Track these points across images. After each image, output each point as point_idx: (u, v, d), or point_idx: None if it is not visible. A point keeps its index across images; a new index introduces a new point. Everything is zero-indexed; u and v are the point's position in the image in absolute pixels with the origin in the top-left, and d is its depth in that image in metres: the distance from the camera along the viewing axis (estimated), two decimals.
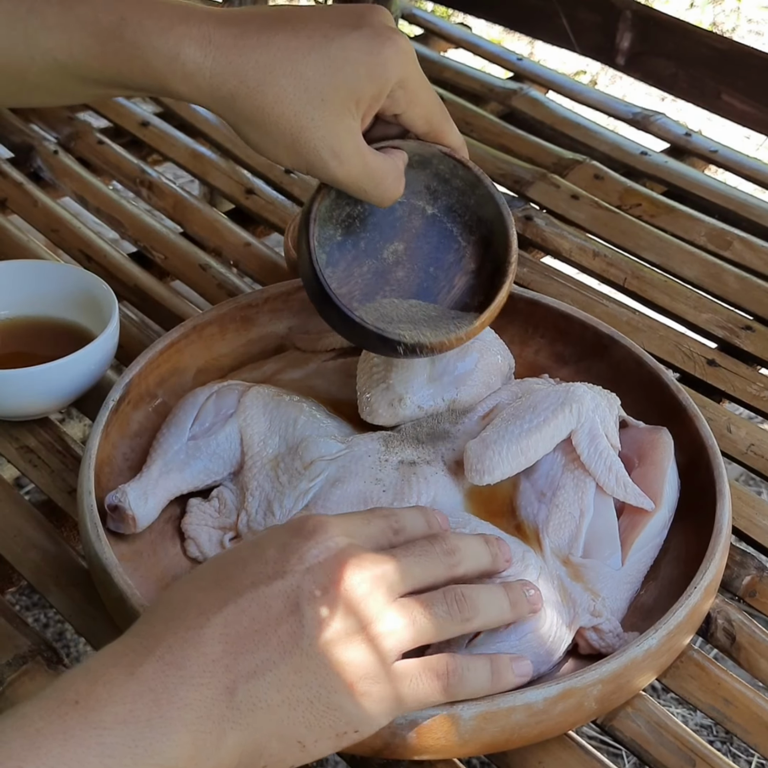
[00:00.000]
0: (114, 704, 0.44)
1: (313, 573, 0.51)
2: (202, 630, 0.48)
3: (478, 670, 0.56)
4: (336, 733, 0.50)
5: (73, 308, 0.84)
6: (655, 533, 0.70)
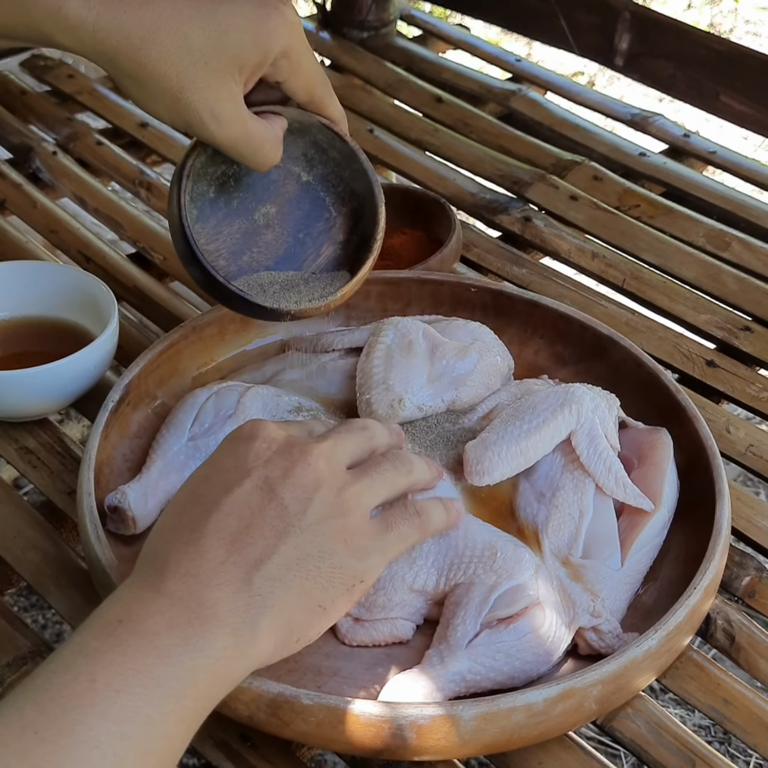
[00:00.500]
0: (153, 616, 0.49)
1: (272, 462, 0.56)
2: (200, 541, 0.52)
3: (437, 508, 0.63)
4: (346, 587, 0.55)
5: (73, 309, 0.84)
6: (654, 534, 0.70)
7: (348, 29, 1.38)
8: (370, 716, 0.57)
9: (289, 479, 0.55)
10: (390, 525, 0.59)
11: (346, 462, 0.59)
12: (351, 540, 0.56)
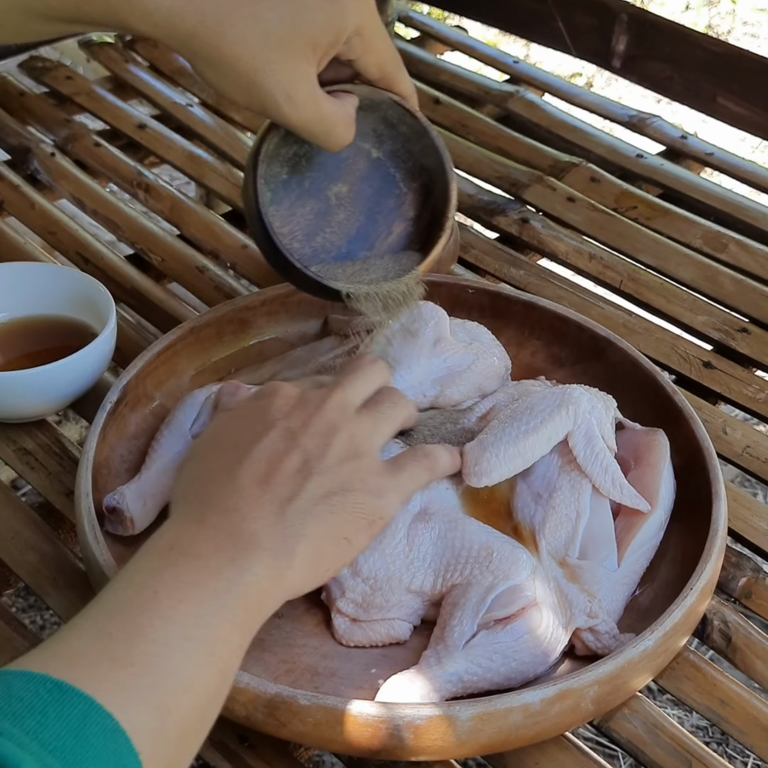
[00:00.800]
0: (201, 542, 0.54)
1: (292, 415, 0.62)
2: (235, 482, 0.57)
3: (442, 452, 0.68)
4: (367, 522, 0.60)
5: (71, 310, 0.84)
6: (651, 534, 0.70)
7: None
8: (367, 717, 0.57)
9: (308, 429, 0.61)
10: (401, 466, 0.64)
11: (356, 404, 0.65)
12: (367, 479, 0.61)
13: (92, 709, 0.43)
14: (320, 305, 0.86)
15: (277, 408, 0.62)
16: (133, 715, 0.44)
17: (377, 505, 0.61)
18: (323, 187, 0.75)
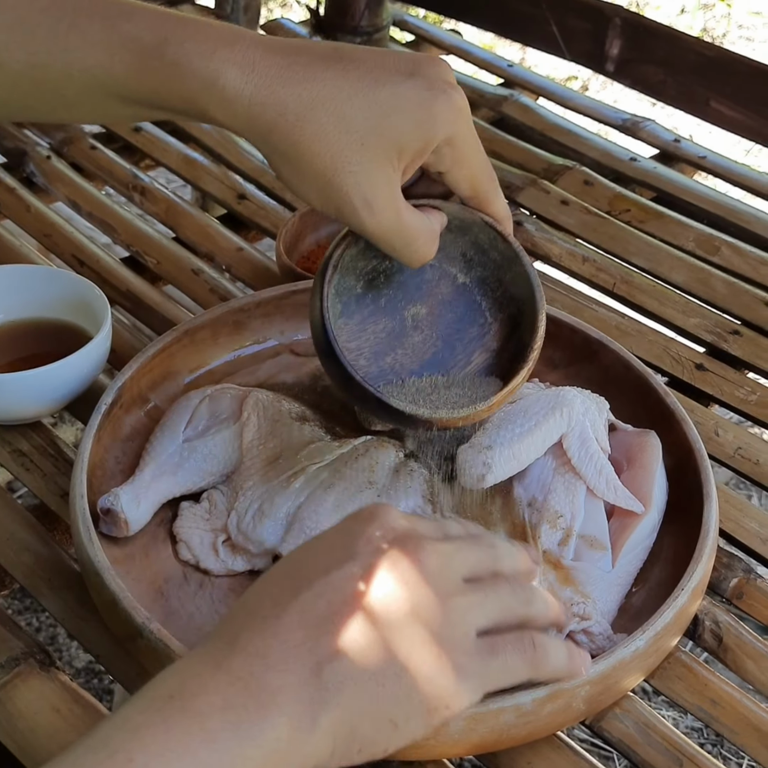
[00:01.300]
0: (207, 695, 0.45)
1: (382, 551, 0.51)
2: (279, 619, 0.48)
3: (558, 648, 0.56)
4: (427, 708, 0.50)
5: (66, 313, 0.85)
6: (644, 535, 0.70)
7: (341, 34, 1.38)
8: None
9: (393, 572, 0.51)
10: (497, 650, 0.53)
11: (462, 573, 0.54)
12: (447, 655, 0.50)
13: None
14: None
15: (369, 537, 0.52)
16: None
17: (447, 689, 0.50)
18: (400, 307, 0.70)
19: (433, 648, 0.50)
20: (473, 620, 0.52)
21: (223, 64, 0.56)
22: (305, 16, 1.43)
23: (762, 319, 0.95)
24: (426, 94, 0.58)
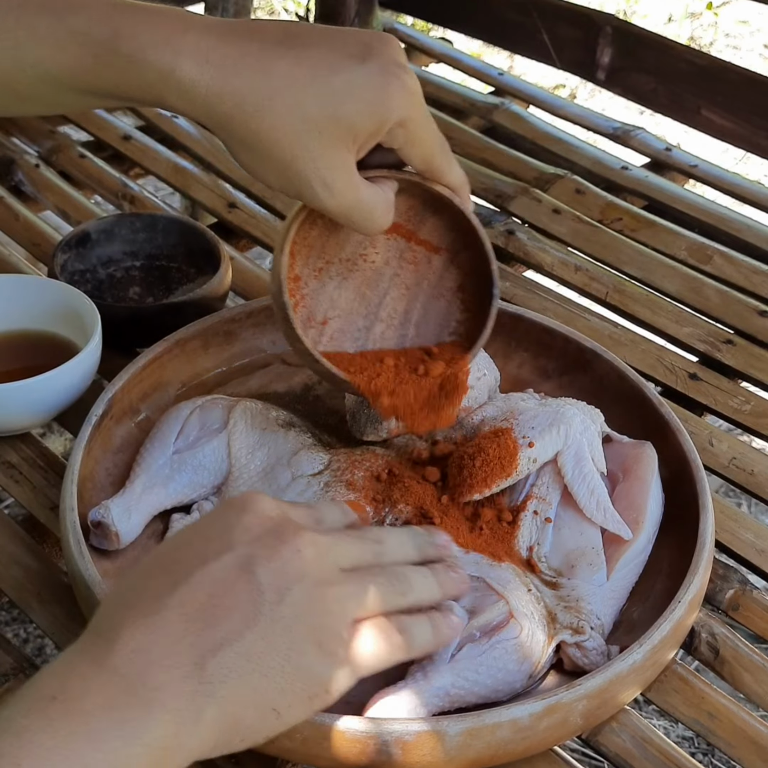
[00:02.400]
0: (90, 694, 0.45)
1: (259, 541, 0.51)
2: (159, 614, 0.48)
3: (422, 626, 0.57)
4: (308, 695, 0.51)
5: (56, 323, 0.84)
6: (640, 549, 0.70)
7: None
8: (355, 732, 0.57)
9: (272, 562, 0.51)
10: (370, 637, 0.54)
11: (341, 563, 0.55)
12: (323, 643, 0.51)
13: None
14: None
15: (245, 527, 0.52)
16: None
17: (325, 676, 0.51)
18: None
19: (312, 637, 0.51)
20: (350, 610, 0.53)
21: (177, 55, 0.58)
22: None
23: (755, 328, 0.95)
24: (379, 79, 0.60)
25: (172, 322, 0.83)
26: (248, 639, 0.49)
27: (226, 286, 0.91)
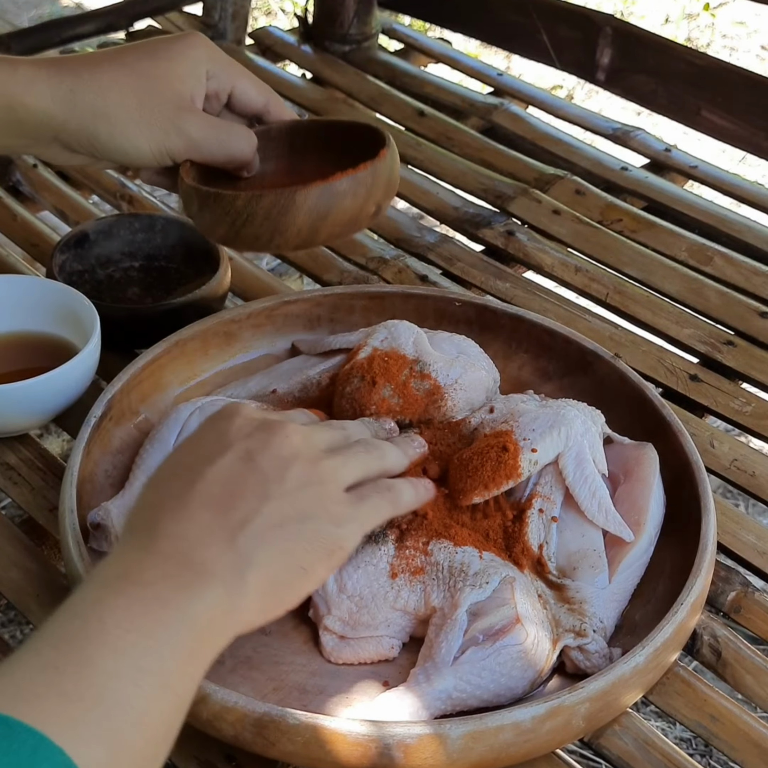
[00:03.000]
0: (148, 570, 0.51)
1: (252, 436, 0.59)
2: (186, 507, 0.54)
3: (406, 486, 0.65)
4: (326, 552, 0.57)
5: (55, 324, 0.84)
6: (641, 551, 0.69)
7: (330, 43, 1.38)
8: (357, 735, 0.56)
9: (267, 450, 0.58)
10: (364, 497, 0.61)
11: (321, 446, 0.62)
12: (328, 507, 0.58)
13: (42, 745, 0.41)
14: (306, 318, 0.86)
15: (238, 428, 0.59)
16: (85, 749, 0.43)
17: (337, 534, 0.58)
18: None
19: (317, 503, 0.58)
20: (341, 477, 0.60)
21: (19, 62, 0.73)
22: (290, 24, 1.42)
23: (755, 330, 0.95)
24: (176, 46, 0.77)
25: (171, 323, 0.82)
26: (265, 513, 0.55)
27: (225, 287, 0.90)
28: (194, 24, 1.42)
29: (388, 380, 0.74)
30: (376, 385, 0.74)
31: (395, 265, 1.00)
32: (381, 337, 0.78)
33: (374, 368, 0.75)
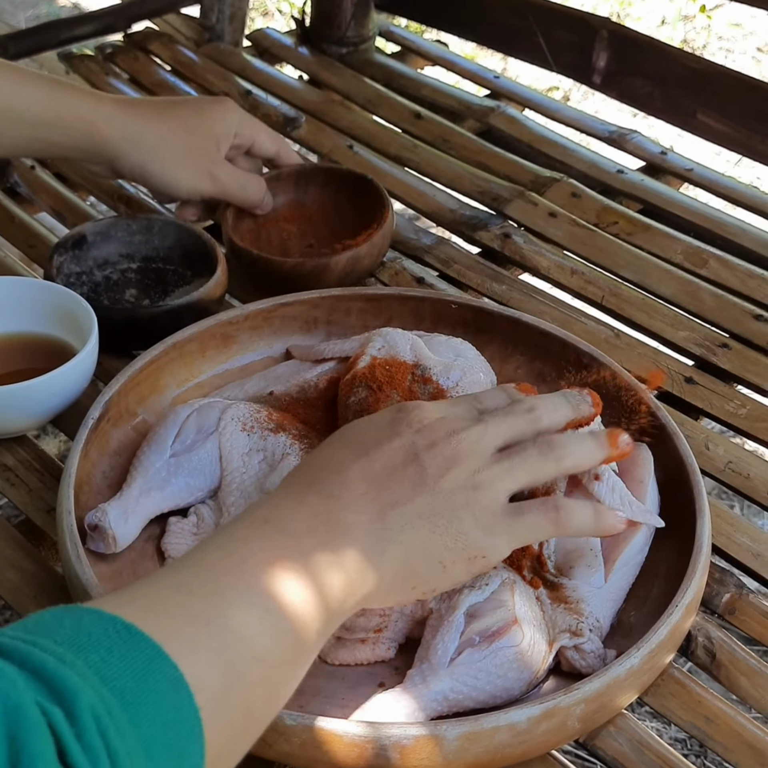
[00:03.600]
0: (295, 521, 0.54)
1: (421, 433, 0.60)
2: (345, 473, 0.58)
3: (584, 508, 0.62)
4: (468, 556, 0.59)
5: (52, 325, 0.84)
6: (636, 550, 0.70)
7: (327, 45, 1.38)
8: (353, 736, 0.57)
9: (432, 449, 0.59)
10: (523, 511, 0.61)
11: (495, 445, 0.61)
12: (479, 515, 0.59)
13: (158, 657, 0.42)
14: (303, 320, 0.86)
15: (410, 422, 0.61)
16: (200, 671, 0.44)
17: (483, 542, 0.59)
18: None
19: (468, 508, 0.58)
20: (502, 486, 0.60)
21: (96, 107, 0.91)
22: (287, 25, 1.42)
23: (750, 332, 0.95)
24: (216, 109, 0.97)
25: (168, 325, 0.83)
26: (417, 502, 0.57)
27: (222, 289, 0.91)
28: (192, 26, 1.42)
29: (394, 387, 0.75)
30: (383, 392, 0.74)
31: (392, 268, 1.01)
32: (378, 345, 0.78)
33: (378, 377, 0.75)
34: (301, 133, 1.22)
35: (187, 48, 1.37)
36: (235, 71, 1.33)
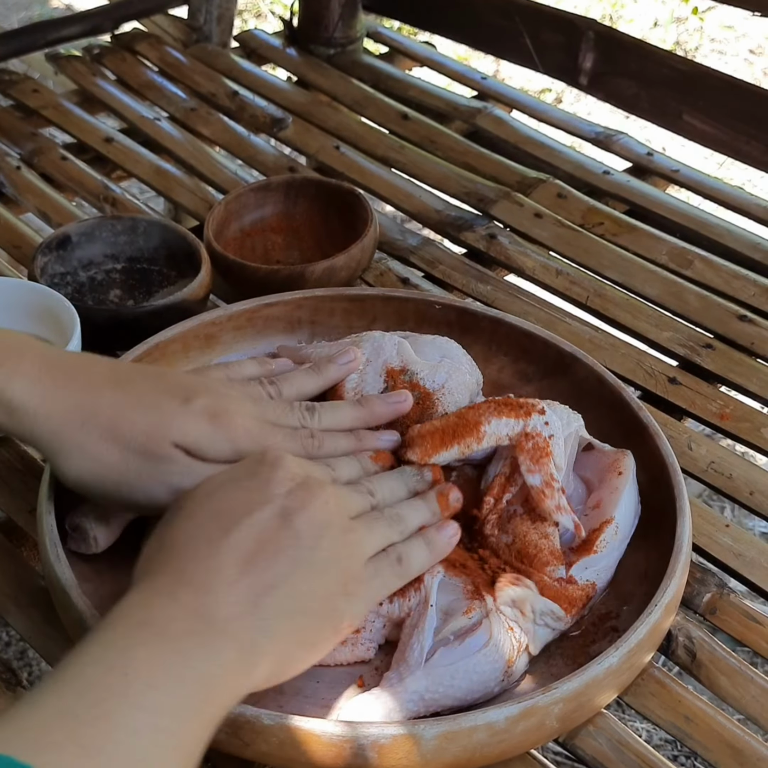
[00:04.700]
0: (175, 621, 0.52)
1: (293, 494, 0.58)
2: (216, 557, 0.55)
3: (418, 549, 0.65)
4: (335, 629, 0.59)
5: (35, 325, 0.84)
6: (612, 547, 0.70)
7: (315, 46, 1.38)
8: (331, 736, 0.57)
9: (305, 512, 0.58)
10: (377, 572, 0.62)
11: (352, 513, 0.63)
12: (348, 584, 0.59)
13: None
14: (287, 321, 0.86)
15: (279, 482, 0.59)
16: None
17: (348, 612, 0.59)
18: None
19: (340, 580, 0.59)
20: (364, 553, 0.61)
21: (11, 375, 0.62)
22: (280, 27, 1.42)
23: (734, 333, 0.96)
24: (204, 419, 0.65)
25: (152, 325, 0.83)
26: (292, 582, 0.56)
27: (206, 290, 0.91)
28: (179, 27, 1.42)
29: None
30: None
31: (377, 268, 1.01)
32: (366, 351, 0.78)
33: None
34: (288, 133, 1.22)
35: (175, 49, 1.37)
36: (222, 72, 1.33)
